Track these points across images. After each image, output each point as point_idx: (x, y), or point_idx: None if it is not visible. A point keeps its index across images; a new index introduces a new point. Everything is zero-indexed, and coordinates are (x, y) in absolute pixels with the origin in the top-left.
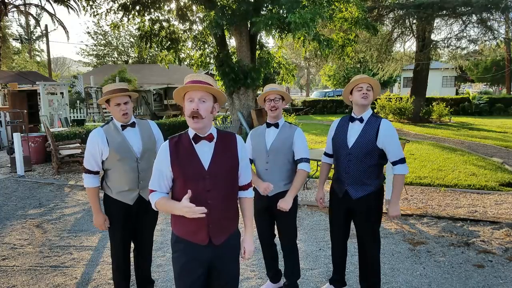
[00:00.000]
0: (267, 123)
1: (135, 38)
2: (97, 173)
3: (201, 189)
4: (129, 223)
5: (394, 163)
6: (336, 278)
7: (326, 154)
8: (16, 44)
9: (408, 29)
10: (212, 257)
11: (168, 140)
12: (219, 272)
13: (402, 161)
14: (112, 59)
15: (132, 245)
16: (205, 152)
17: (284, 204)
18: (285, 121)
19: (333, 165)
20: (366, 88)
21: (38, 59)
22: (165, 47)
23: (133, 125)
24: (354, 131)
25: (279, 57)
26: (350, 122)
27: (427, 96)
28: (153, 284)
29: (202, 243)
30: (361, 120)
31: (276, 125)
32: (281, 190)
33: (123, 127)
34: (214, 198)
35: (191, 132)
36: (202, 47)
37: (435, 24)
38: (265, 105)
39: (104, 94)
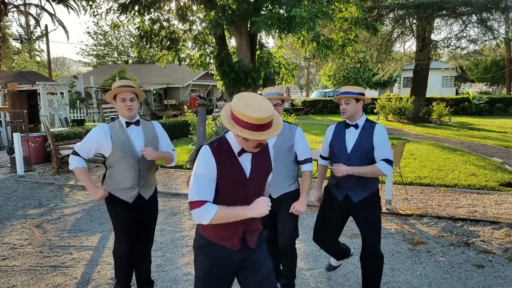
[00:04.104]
0: None
1: (135, 38)
2: (83, 158)
3: (241, 196)
4: (131, 219)
5: (380, 160)
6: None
7: (322, 157)
8: (16, 44)
9: (408, 29)
10: (245, 258)
11: (208, 146)
12: (255, 270)
13: (389, 161)
14: (112, 59)
15: None
16: (245, 159)
17: (300, 207)
18: (284, 120)
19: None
20: (344, 102)
21: (38, 59)
22: (165, 47)
23: (137, 123)
24: (351, 136)
25: (279, 57)
26: (346, 129)
27: (427, 96)
28: (152, 284)
29: (234, 248)
30: (356, 126)
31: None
32: (285, 191)
33: (128, 124)
34: (250, 204)
35: (232, 142)
36: (202, 47)
37: (435, 24)
38: None
39: (111, 91)
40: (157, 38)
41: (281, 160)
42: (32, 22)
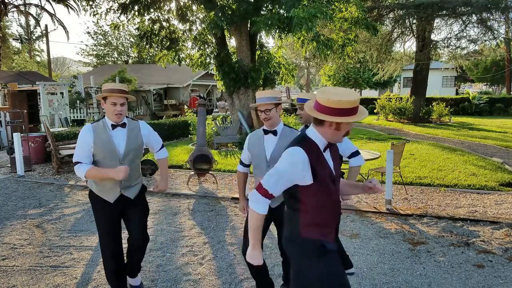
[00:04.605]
0: (264, 129)
1: (135, 38)
2: (86, 164)
3: (334, 192)
4: (113, 217)
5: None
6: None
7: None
8: (16, 44)
9: (408, 29)
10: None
11: (300, 149)
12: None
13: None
14: (112, 59)
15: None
16: (327, 155)
17: None
18: (284, 124)
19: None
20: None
21: (38, 59)
22: (165, 47)
23: (123, 125)
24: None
25: (279, 57)
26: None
27: (427, 96)
28: (139, 270)
29: (332, 241)
30: (274, 133)
31: (275, 132)
32: (283, 201)
33: (113, 126)
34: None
35: (317, 139)
36: (202, 47)
37: (435, 24)
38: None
39: (102, 91)
40: (157, 38)
41: None
42: (32, 22)
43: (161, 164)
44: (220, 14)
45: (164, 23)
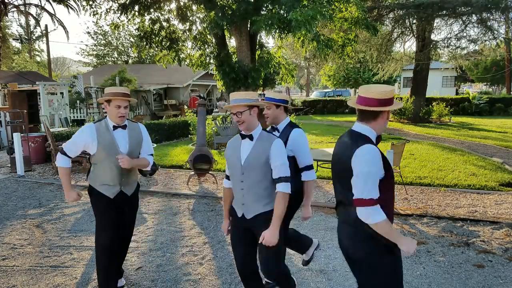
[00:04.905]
0: (241, 134)
1: (135, 38)
2: (70, 157)
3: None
4: (111, 211)
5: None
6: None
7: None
8: (16, 44)
9: (408, 29)
10: None
11: (372, 145)
12: None
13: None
14: (112, 59)
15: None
16: None
17: (270, 238)
18: (263, 129)
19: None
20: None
21: (38, 59)
22: (165, 47)
23: (124, 127)
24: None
25: (279, 57)
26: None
27: (427, 96)
28: (122, 274)
29: None
30: (250, 137)
31: (251, 137)
32: (260, 212)
33: (115, 127)
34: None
35: (371, 134)
36: (202, 47)
37: (435, 24)
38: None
39: (106, 95)
40: (157, 38)
41: (255, 176)
42: (32, 22)
43: (143, 161)
44: (220, 14)
45: (164, 23)
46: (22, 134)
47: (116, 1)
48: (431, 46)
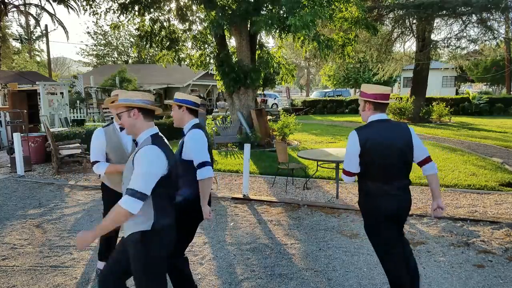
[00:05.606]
0: (132, 139)
1: (135, 38)
2: (102, 161)
3: None
4: None
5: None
6: None
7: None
8: (16, 44)
9: (408, 29)
10: None
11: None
12: None
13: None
14: (112, 59)
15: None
16: None
17: (80, 239)
18: (151, 135)
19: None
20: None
21: (38, 59)
22: (165, 47)
23: None
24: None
25: (279, 57)
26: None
27: (427, 96)
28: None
29: None
30: (136, 144)
31: (137, 144)
32: (131, 231)
33: (121, 129)
34: None
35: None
36: (202, 47)
37: (435, 24)
38: None
39: (113, 97)
40: (157, 38)
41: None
42: (32, 22)
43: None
44: (220, 14)
45: (164, 23)
46: (22, 134)
47: (116, 1)
48: (431, 46)
